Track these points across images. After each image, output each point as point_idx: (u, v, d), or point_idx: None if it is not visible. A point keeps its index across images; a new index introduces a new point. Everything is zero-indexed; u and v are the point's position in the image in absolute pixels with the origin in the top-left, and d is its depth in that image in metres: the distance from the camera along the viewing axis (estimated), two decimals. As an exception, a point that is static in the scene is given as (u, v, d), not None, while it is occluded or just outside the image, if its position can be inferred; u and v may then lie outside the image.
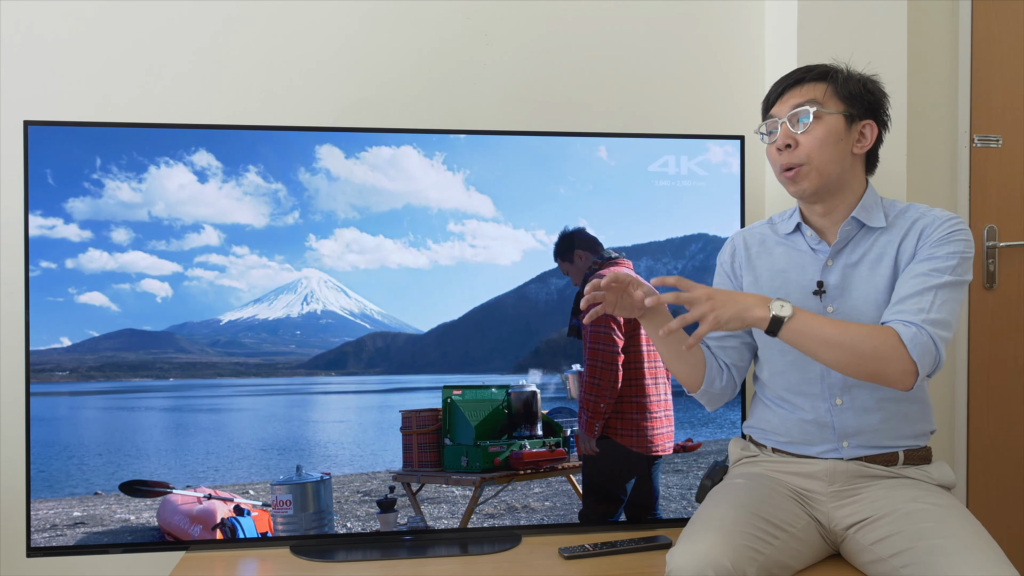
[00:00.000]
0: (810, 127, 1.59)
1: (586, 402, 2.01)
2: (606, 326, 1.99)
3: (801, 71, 1.64)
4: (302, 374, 2.05)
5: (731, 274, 1.78)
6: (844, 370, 1.50)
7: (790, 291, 1.67)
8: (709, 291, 1.47)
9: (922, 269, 1.53)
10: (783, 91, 1.64)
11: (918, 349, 1.45)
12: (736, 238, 1.80)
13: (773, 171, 1.68)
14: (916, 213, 1.63)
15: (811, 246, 1.67)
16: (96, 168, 1.89)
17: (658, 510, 2.06)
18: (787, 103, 1.62)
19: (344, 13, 2.18)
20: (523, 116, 2.23)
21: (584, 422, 2.01)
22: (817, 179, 1.60)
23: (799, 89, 1.62)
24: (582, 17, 2.26)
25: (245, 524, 1.93)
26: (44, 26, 2.08)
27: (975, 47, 2.41)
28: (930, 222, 1.59)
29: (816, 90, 1.61)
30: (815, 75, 1.62)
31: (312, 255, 1.97)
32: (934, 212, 1.61)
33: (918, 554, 1.42)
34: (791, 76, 1.65)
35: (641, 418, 2.02)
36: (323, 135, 1.97)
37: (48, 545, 1.87)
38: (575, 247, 2.02)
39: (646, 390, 2.03)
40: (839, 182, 1.62)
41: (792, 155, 1.60)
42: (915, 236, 1.59)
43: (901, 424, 1.63)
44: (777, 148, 1.62)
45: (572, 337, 2.03)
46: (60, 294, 1.88)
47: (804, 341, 1.47)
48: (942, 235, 1.56)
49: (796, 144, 1.59)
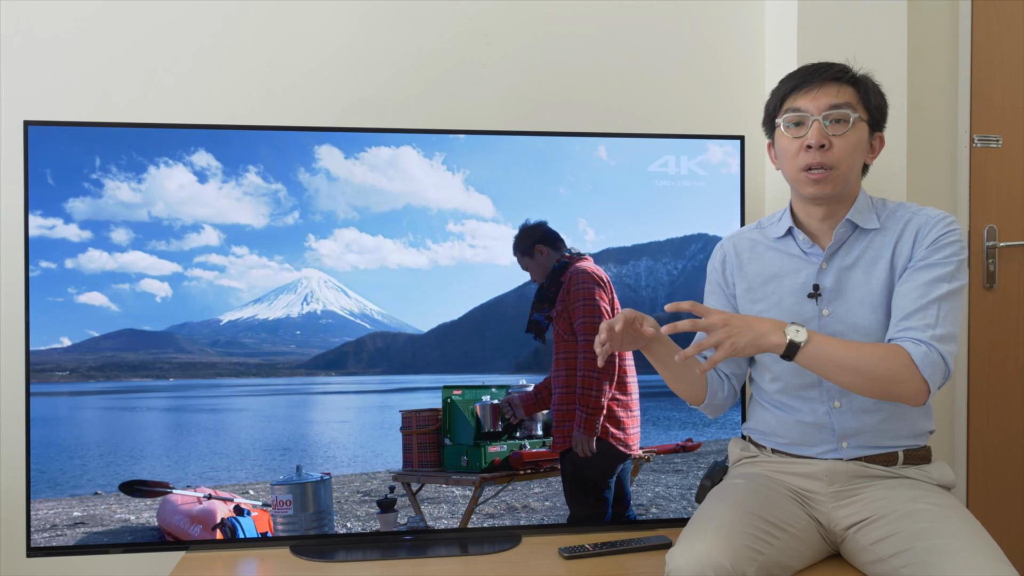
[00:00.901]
0: (847, 132, 1.56)
1: (584, 398, 2.00)
2: (599, 316, 1.98)
3: (837, 69, 1.59)
4: (302, 374, 2.05)
5: (723, 281, 1.76)
6: (857, 391, 1.51)
7: (783, 295, 1.67)
8: (725, 317, 1.46)
9: (922, 279, 1.53)
10: (811, 85, 1.58)
11: (929, 368, 1.46)
12: (725, 244, 1.78)
13: (784, 166, 1.64)
14: (907, 212, 1.62)
15: (803, 250, 1.66)
16: (96, 168, 1.89)
17: (631, 512, 2.06)
18: (820, 100, 1.57)
19: (344, 13, 2.18)
20: (523, 116, 2.23)
21: (583, 420, 2.00)
22: (841, 184, 1.59)
23: (834, 88, 1.57)
24: (582, 17, 2.26)
25: (245, 524, 1.93)
26: (44, 26, 2.08)
27: (975, 47, 2.41)
28: (923, 222, 1.59)
29: (850, 94, 1.58)
30: (849, 78, 1.59)
31: (312, 255, 1.97)
32: (926, 211, 1.61)
33: (918, 554, 1.42)
34: (823, 71, 1.59)
35: (626, 416, 2.02)
36: (323, 135, 1.97)
37: (48, 545, 1.87)
38: (536, 242, 2.00)
39: (627, 388, 2.03)
40: (850, 189, 1.62)
41: (825, 156, 1.56)
42: (910, 237, 1.59)
43: (900, 424, 1.63)
44: (807, 145, 1.57)
45: (530, 334, 2.01)
46: (60, 294, 1.88)
47: (819, 365, 1.48)
48: (937, 236, 1.56)
49: (830, 145, 1.56)
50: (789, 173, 1.64)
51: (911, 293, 1.53)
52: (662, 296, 2.11)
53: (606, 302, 2.00)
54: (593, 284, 1.98)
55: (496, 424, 2.03)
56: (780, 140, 1.64)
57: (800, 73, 1.62)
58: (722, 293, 1.76)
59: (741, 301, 1.73)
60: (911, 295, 1.53)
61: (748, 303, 1.71)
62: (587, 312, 1.98)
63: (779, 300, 1.67)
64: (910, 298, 1.53)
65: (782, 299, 1.66)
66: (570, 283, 1.99)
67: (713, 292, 1.79)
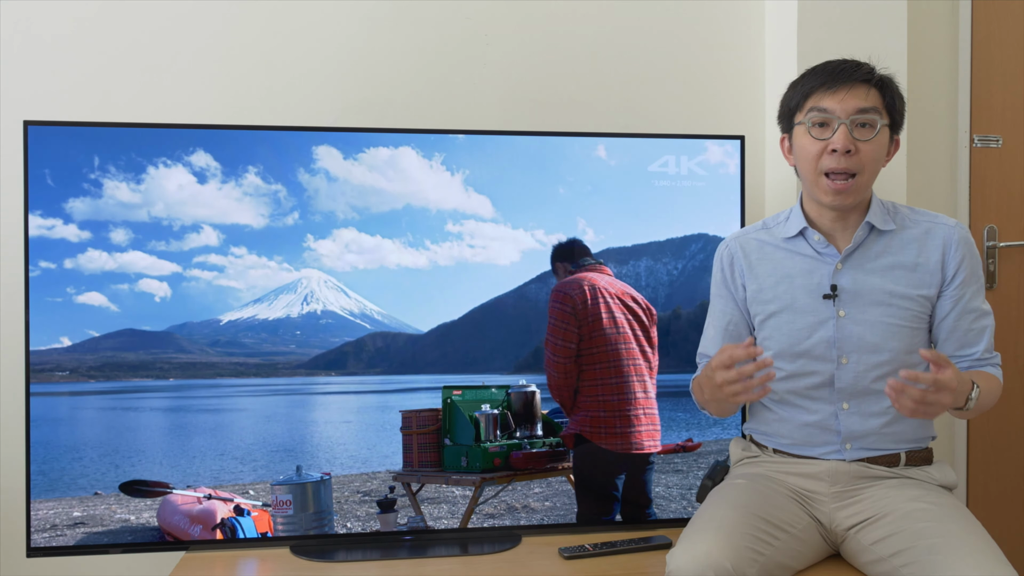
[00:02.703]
0: (873, 138, 1.55)
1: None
2: (552, 335, 1.99)
3: (865, 70, 1.56)
4: (302, 374, 2.05)
5: (731, 283, 1.74)
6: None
7: (796, 295, 1.65)
8: (953, 379, 1.40)
9: (974, 308, 1.63)
10: (839, 86, 1.54)
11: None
12: (732, 244, 1.75)
13: (802, 166, 1.61)
14: (926, 220, 1.64)
15: (817, 250, 1.65)
16: (95, 168, 1.89)
17: (651, 509, 2.05)
18: (848, 103, 1.54)
19: (343, 13, 2.18)
20: (522, 116, 2.22)
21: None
22: (864, 190, 1.59)
23: (862, 91, 1.55)
24: (582, 17, 2.26)
25: (245, 524, 1.93)
26: (43, 26, 2.08)
27: (975, 47, 2.41)
28: (948, 237, 1.62)
29: (876, 98, 1.56)
30: (876, 81, 1.56)
31: (311, 255, 1.97)
32: (942, 220, 1.64)
33: (918, 554, 1.42)
34: (852, 72, 1.55)
35: (618, 420, 2.02)
36: (322, 135, 1.97)
37: (48, 545, 1.87)
38: (554, 259, 2.02)
39: (620, 388, 2.02)
40: (867, 192, 1.63)
41: (851, 161, 1.54)
42: (936, 251, 1.61)
43: (903, 429, 1.63)
44: (831, 149, 1.55)
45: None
46: (59, 294, 1.88)
47: (975, 412, 1.54)
48: (964, 256, 1.61)
49: (856, 151, 1.54)
50: (807, 174, 1.61)
51: (973, 326, 1.63)
52: (662, 296, 2.11)
53: (562, 321, 1.99)
54: (554, 303, 2.00)
55: (495, 433, 2.04)
56: (800, 139, 1.60)
57: (827, 71, 1.57)
58: (730, 296, 1.74)
59: (751, 303, 1.71)
60: (974, 328, 1.63)
61: (758, 304, 1.69)
62: (548, 329, 2.01)
63: (792, 300, 1.65)
64: (973, 332, 1.63)
65: (795, 299, 1.65)
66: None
67: (720, 295, 1.76)
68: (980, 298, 1.64)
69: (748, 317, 1.73)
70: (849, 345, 1.61)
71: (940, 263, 1.61)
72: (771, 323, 1.67)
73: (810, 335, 1.62)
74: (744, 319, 1.73)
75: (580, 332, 2.00)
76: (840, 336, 1.61)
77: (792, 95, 1.63)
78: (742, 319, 1.73)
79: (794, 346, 1.64)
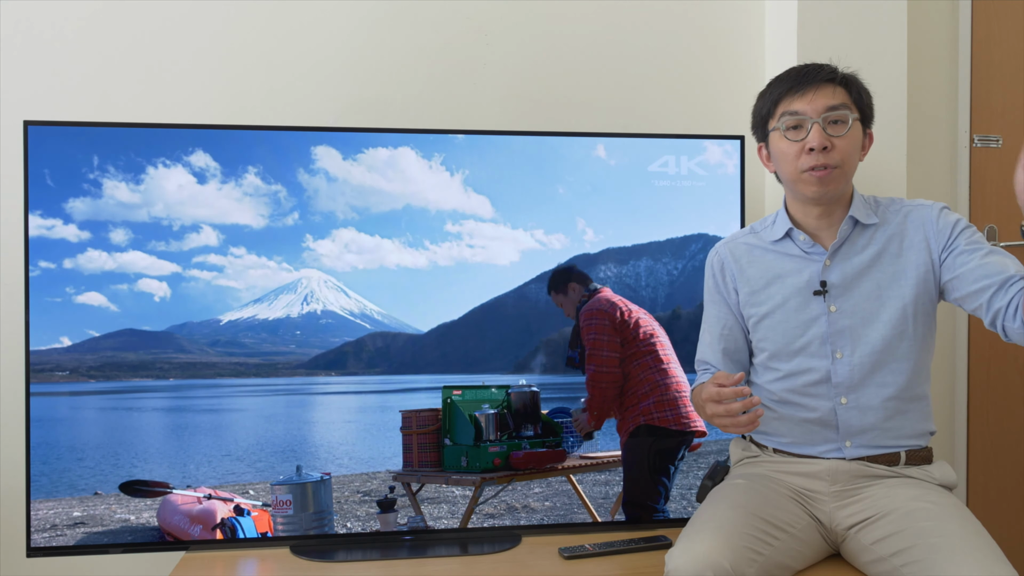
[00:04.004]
0: (846, 132, 1.58)
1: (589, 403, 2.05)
2: (600, 349, 2.03)
3: (828, 70, 1.61)
4: (302, 374, 2.05)
5: (723, 288, 1.76)
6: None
7: (788, 295, 1.67)
8: None
9: (977, 245, 1.56)
10: (807, 88, 1.59)
11: None
12: (722, 251, 1.78)
13: (783, 169, 1.65)
14: (903, 207, 1.66)
15: (804, 250, 1.67)
16: (95, 168, 1.89)
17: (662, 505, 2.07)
18: (817, 102, 1.58)
19: (343, 13, 2.18)
20: (522, 116, 2.22)
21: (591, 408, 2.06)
22: (844, 183, 1.62)
23: (829, 90, 1.59)
24: (582, 17, 2.26)
25: (245, 524, 1.93)
26: (44, 26, 2.08)
27: (975, 47, 2.41)
28: (927, 214, 1.62)
29: (843, 94, 1.60)
30: (841, 79, 1.61)
31: (311, 255, 1.97)
32: (919, 203, 1.66)
33: (918, 553, 1.43)
34: (816, 73, 1.60)
35: (678, 400, 2.06)
36: (322, 135, 1.97)
37: (48, 545, 1.87)
38: (570, 280, 2.05)
39: (668, 372, 2.06)
40: (847, 187, 1.65)
41: (828, 157, 1.58)
42: (918, 231, 1.62)
43: (902, 423, 1.63)
44: (809, 148, 1.58)
45: (570, 367, 2.09)
46: (59, 294, 1.88)
47: None
48: (946, 222, 1.60)
49: (832, 147, 1.58)
50: (788, 176, 1.64)
51: (987, 260, 1.53)
52: (662, 296, 2.12)
53: (605, 334, 2.04)
54: (591, 321, 2.05)
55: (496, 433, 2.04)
56: (777, 143, 1.64)
57: (792, 76, 1.62)
58: (723, 301, 1.76)
59: (744, 306, 1.73)
60: (988, 262, 1.53)
61: (751, 306, 1.71)
62: (591, 345, 2.04)
63: (784, 300, 1.67)
64: (989, 263, 1.53)
65: (787, 299, 1.67)
66: (579, 320, 2.05)
67: (713, 301, 1.78)
68: (983, 242, 1.58)
69: (742, 321, 1.74)
70: (842, 339, 1.62)
71: (924, 239, 1.62)
72: (765, 324, 1.69)
73: (803, 332, 1.65)
74: (739, 323, 1.75)
75: (622, 338, 2.04)
76: (833, 331, 1.63)
77: (762, 104, 1.67)
78: (737, 323, 1.75)
79: (789, 345, 1.66)
